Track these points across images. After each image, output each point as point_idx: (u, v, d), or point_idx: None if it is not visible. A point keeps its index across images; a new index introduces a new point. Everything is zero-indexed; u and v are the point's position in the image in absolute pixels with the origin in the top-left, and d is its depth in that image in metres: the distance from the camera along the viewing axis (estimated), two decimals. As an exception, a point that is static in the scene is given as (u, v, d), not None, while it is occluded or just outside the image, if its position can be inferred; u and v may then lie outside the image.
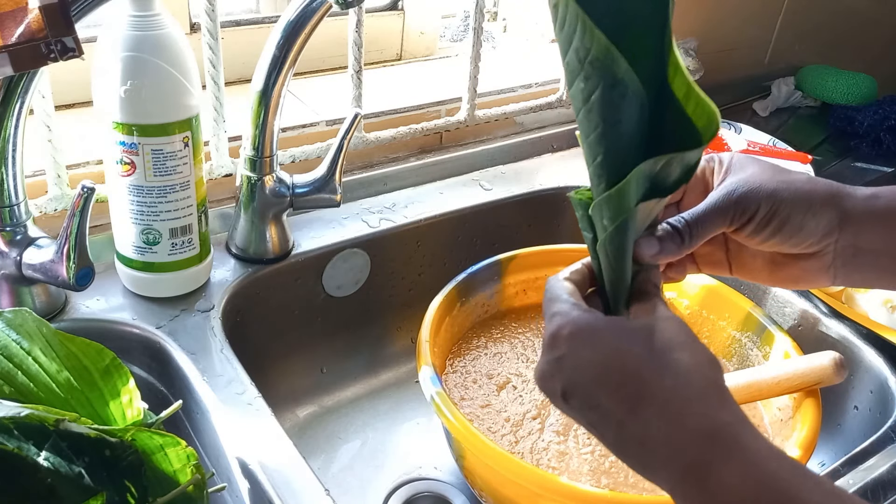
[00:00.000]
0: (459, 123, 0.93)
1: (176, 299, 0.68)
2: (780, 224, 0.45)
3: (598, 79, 0.35)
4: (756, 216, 0.45)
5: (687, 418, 0.37)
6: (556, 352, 0.40)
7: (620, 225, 0.39)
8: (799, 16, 1.29)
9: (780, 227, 0.45)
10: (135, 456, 0.48)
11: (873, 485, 0.59)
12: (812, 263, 0.47)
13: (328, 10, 0.64)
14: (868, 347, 0.72)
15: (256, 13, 1.00)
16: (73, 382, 0.50)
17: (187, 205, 0.65)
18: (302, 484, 0.53)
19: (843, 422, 0.74)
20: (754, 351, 0.72)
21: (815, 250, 0.46)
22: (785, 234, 0.45)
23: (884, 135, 1.15)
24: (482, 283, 0.75)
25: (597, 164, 0.38)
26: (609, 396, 0.38)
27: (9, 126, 0.57)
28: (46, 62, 0.53)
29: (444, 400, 0.59)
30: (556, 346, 0.40)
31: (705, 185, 0.49)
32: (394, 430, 0.80)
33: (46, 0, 0.51)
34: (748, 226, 0.46)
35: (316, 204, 0.73)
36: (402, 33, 1.05)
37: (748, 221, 0.45)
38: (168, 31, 0.59)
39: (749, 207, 0.45)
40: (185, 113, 0.62)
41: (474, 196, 0.89)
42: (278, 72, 0.66)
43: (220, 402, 0.59)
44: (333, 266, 0.79)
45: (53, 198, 0.69)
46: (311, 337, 0.81)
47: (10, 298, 0.62)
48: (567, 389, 0.40)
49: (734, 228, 0.46)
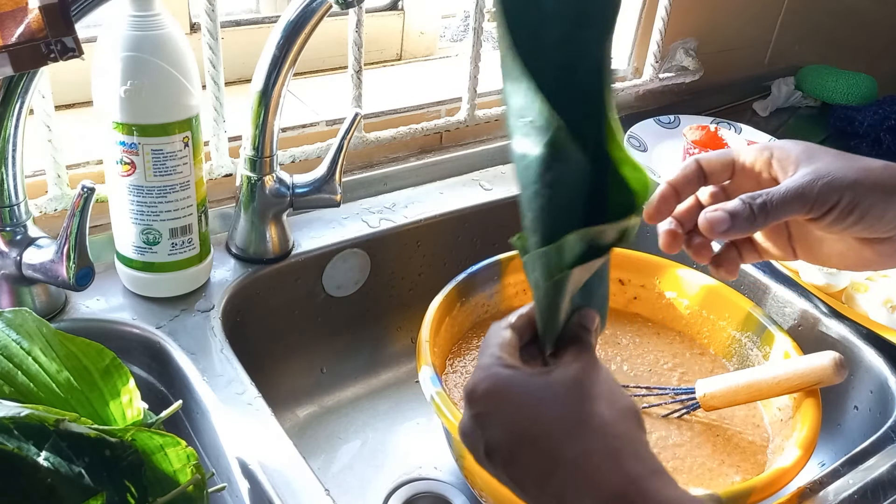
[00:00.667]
0: (459, 123, 0.93)
1: (176, 299, 0.68)
2: (861, 214, 0.45)
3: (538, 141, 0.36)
4: (838, 206, 0.45)
5: (598, 478, 0.36)
6: (474, 408, 0.40)
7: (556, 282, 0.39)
8: (799, 16, 1.29)
9: (862, 216, 0.45)
10: (135, 456, 0.48)
11: (873, 485, 0.59)
12: (887, 248, 0.47)
13: (328, 10, 0.64)
14: (868, 347, 0.72)
15: (256, 13, 1.00)
16: (73, 382, 0.50)
17: (187, 205, 0.65)
18: (302, 484, 0.53)
19: (843, 422, 0.74)
20: (754, 351, 0.72)
21: (891, 235, 0.46)
22: (866, 223, 0.45)
23: (884, 135, 1.15)
24: (482, 283, 0.75)
25: (531, 219, 0.39)
26: (527, 455, 0.38)
27: (9, 126, 0.57)
28: (46, 62, 0.53)
29: (444, 400, 0.59)
30: (474, 403, 0.40)
31: (756, 176, 0.49)
32: (394, 430, 0.80)
33: (46, 0, 0.51)
34: (829, 215, 0.45)
35: (316, 204, 0.74)
36: (402, 33, 1.05)
37: (829, 211, 0.45)
38: (168, 31, 0.59)
39: (831, 197, 0.45)
40: (185, 113, 0.62)
41: (474, 196, 0.89)
42: (278, 72, 0.66)
43: (220, 402, 0.59)
44: (333, 266, 0.79)
45: (53, 198, 0.69)
46: (311, 337, 0.81)
47: (10, 298, 0.62)
48: (488, 447, 0.40)
49: (812, 217, 0.46)
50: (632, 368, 0.74)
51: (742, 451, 0.65)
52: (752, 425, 0.68)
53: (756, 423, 0.68)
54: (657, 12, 1.04)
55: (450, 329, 0.72)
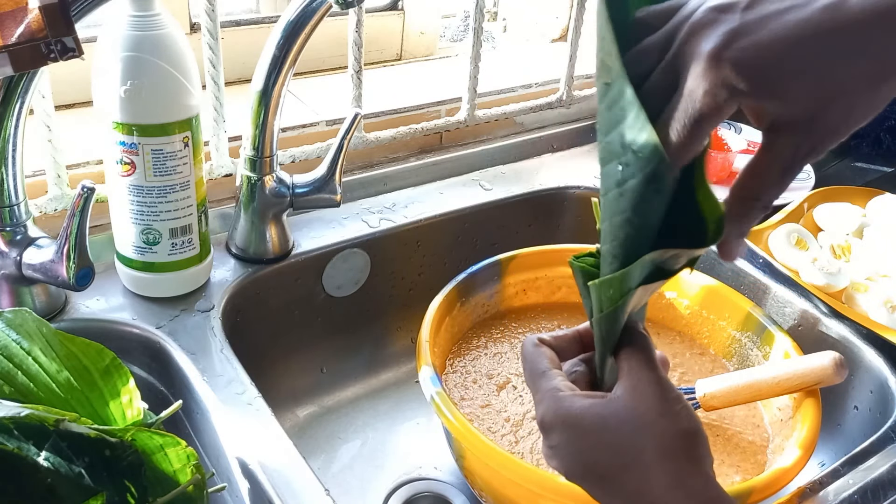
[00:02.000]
0: (459, 123, 0.93)
1: (176, 299, 0.68)
2: None
3: (638, 170, 0.35)
4: None
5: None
6: (549, 440, 0.41)
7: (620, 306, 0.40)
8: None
9: None
10: (135, 456, 0.48)
11: (873, 485, 0.59)
12: None
13: (328, 10, 0.64)
14: (868, 347, 0.72)
15: (256, 13, 1.00)
16: (73, 382, 0.50)
17: (187, 205, 0.65)
18: (302, 484, 0.53)
19: (843, 422, 0.74)
20: (754, 351, 0.72)
21: None
22: None
23: (884, 135, 1.15)
24: (482, 283, 0.75)
25: (615, 245, 0.38)
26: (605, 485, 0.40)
27: (9, 126, 0.57)
28: (46, 62, 0.53)
29: (444, 400, 0.59)
30: (547, 435, 0.41)
31: None
32: (394, 430, 0.80)
33: (46, 0, 0.51)
34: None
35: (316, 204, 0.73)
36: (402, 33, 1.05)
37: None
38: (168, 31, 0.59)
39: None
40: (185, 113, 0.62)
41: (474, 196, 0.89)
42: (278, 72, 0.66)
43: (220, 402, 0.59)
44: (333, 266, 0.79)
45: (53, 198, 0.69)
46: (311, 337, 0.81)
47: (10, 298, 0.62)
48: (568, 474, 0.41)
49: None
50: (632, 368, 0.74)
51: (742, 451, 0.65)
52: (752, 425, 0.68)
53: (756, 423, 0.68)
54: (657, 12, 1.04)
55: (450, 329, 0.72)
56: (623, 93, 0.34)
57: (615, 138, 0.36)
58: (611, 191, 0.37)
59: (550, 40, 1.17)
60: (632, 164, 0.35)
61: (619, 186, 0.37)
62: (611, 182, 0.37)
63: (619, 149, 0.35)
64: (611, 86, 0.35)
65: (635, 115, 0.34)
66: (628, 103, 0.34)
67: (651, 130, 0.34)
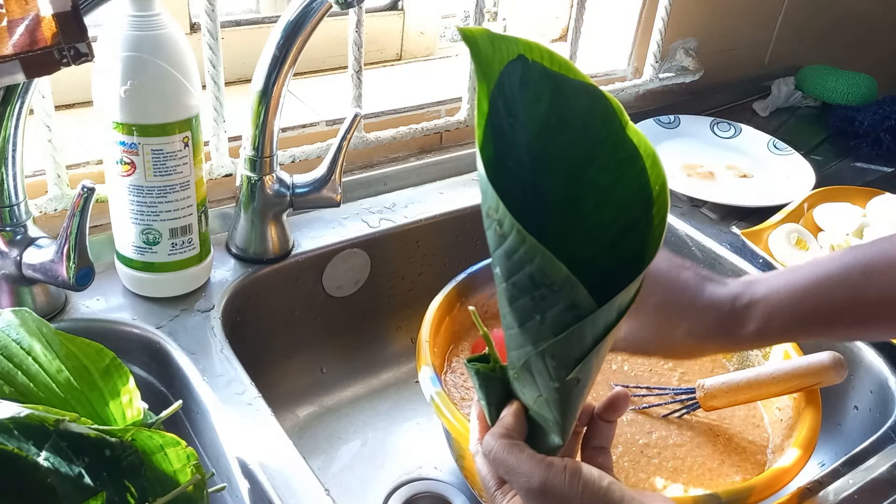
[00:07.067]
0: (459, 123, 0.93)
1: (176, 299, 0.68)
2: None
3: (556, 301, 0.37)
4: None
5: None
6: None
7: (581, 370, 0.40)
8: (799, 16, 1.29)
9: None
10: (135, 456, 0.48)
11: (873, 485, 0.59)
12: None
13: (328, 10, 0.64)
14: (868, 347, 0.72)
15: (256, 13, 1.00)
16: (73, 382, 0.50)
17: (187, 205, 0.65)
18: (302, 484, 0.53)
19: (843, 422, 0.74)
20: (754, 351, 0.72)
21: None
22: None
23: (884, 135, 1.15)
24: (482, 283, 0.75)
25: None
26: None
27: (9, 126, 0.57)
28: (59, 67, 0.53)
29: (444, 400, 0.59)
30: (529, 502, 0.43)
31: None
32: (394, 430, 0.80)
33: (60, 7, 0.51)
34: None
35: (316, 204, 0.74)
36: (402, 33, 1.05)
37: None
38: (168, 31, 0.59)
39: None
40: (185, 113, 0.62)
41: (474, 196, 0.89)
42: (278, 72, 0.66)
43: (220, 402, 0.59)
44: (333, 266, 0.79)
45: (53, 198, 0.69)
46: (311, 337, 0.81)
47: (10, 298, 0.62)
48: None
49: None
50: (632, 368, 0.74)
51: (742, 451, 0.65)
52: (752, 425, 0.68)
53: (756, 423, 0.68)
54: (657, 12, 1.04)
55: (450, 329, 0.72)
56: (525, 241, 0.36)
57: (522, 278, 0.37)
58: (525, 324, 0.39)
59: (550, 40, 1.17)
60: (547, 297, 0.37)
61: (533, 317, 0.38)
62: (524, 316, 0.38)
63: (531, 285, 0.37)
64: (505, 237, 0.37)
65: (542, 257, 0.36)
66: (533, 250, 0.36)
67: (562, 268, 0.35)
